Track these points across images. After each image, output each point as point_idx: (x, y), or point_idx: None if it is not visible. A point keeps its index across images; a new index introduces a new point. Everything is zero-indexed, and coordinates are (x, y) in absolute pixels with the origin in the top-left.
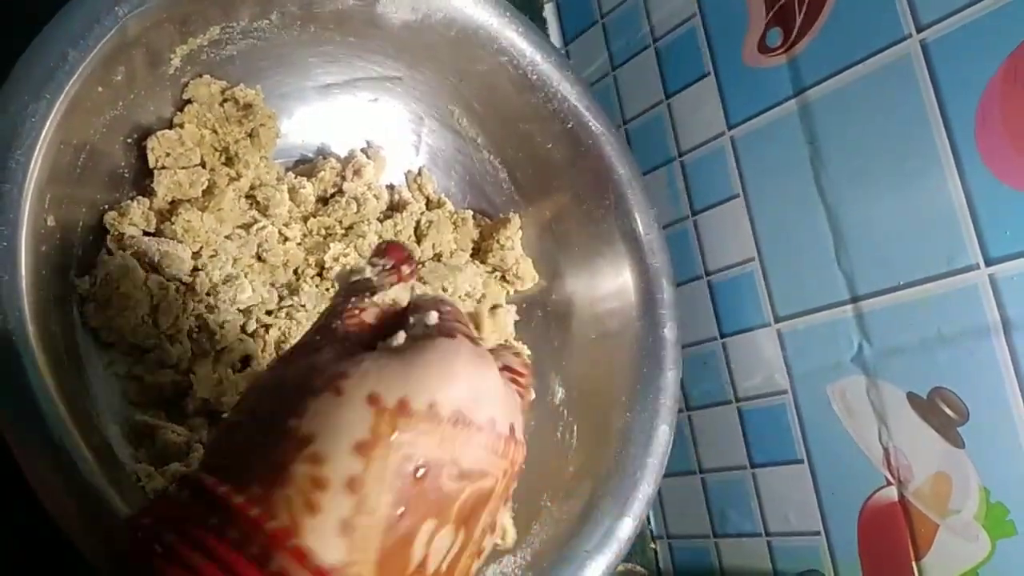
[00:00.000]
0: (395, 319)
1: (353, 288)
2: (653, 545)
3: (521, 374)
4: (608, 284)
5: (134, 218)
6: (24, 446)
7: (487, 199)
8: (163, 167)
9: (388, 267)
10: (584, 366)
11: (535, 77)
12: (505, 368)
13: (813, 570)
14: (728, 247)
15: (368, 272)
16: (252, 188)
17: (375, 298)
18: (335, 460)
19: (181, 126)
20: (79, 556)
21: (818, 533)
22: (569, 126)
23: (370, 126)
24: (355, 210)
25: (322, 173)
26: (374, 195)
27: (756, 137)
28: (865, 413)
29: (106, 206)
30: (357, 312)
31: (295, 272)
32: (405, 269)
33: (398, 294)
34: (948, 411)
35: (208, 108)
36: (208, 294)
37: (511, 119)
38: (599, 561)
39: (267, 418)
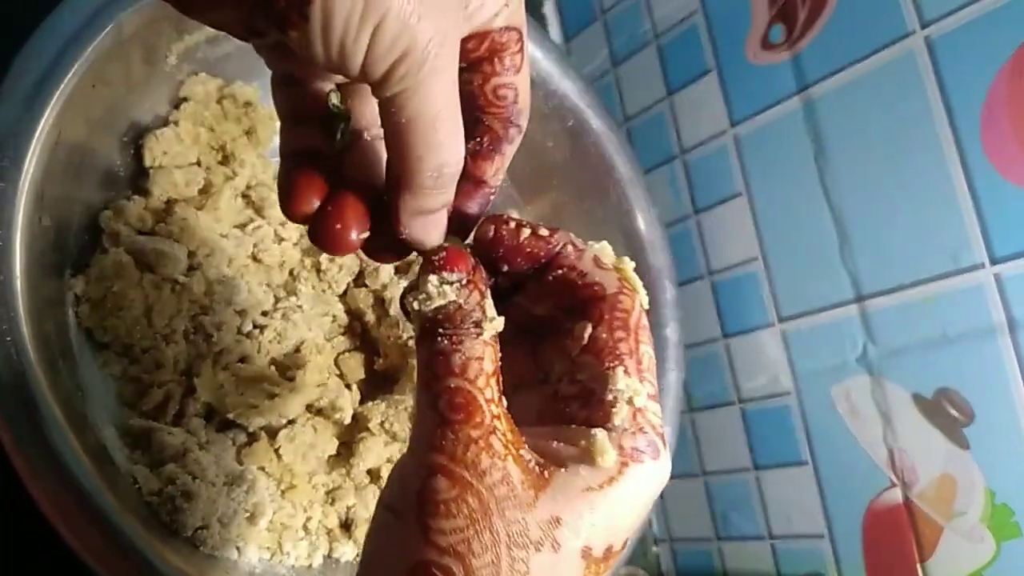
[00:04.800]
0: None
1: (446, 321)
2: (655, 548)
3: None
4: None
5: (129, 217)
6: (19, 447)
7: None
8: (159, 166)
9: (464, 282)
10: None
11: (535, 74)
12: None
13: (817, 573)
14: (731, 246)
15: (447, 292)
16: (248, 187)
17: (485, 335)
18: None
19: (177, 124)
20: (73, 556)
21: (822, 536)
22: (569, 124)
23: None
24: None
25: None
26: None
27: (759, 135)
28: (870, 414)
29: (101, 205)
30: (477, 364)
31: (291, 273)
32: (478, 278)
33: (496, 318)
34: (953, 412)
35: (204, 106)
36: (204, 294)
37: None
38: None
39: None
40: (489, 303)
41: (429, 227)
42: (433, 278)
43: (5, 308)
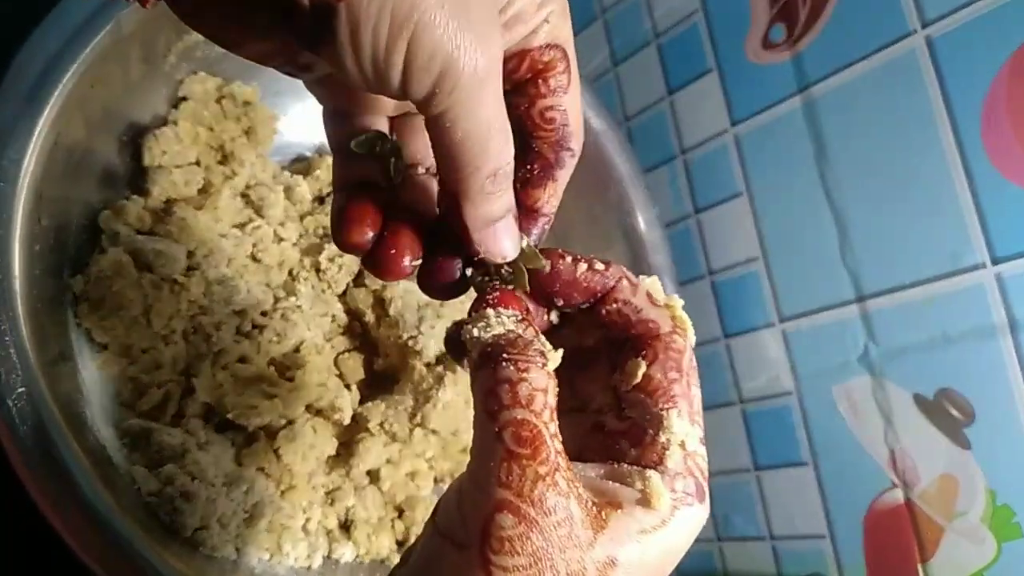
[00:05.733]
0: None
1: (509, 346)
2: None
3: None
4: None
5: (128, 217)
6: (18, 448)
7: None
8: (158, 166)
9: (519, 318)
10: None
11: None
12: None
13: (818, 573)
14: (732, 246)
15: (506, 322)
16: (247, 187)
17: (547, 367)
18: None
19: (176, 123)
20: (72, 556)
21: (823, 536)
22: None
23: None
24: None
25: (318, 171)
26: None
27: (760, 134)
28: (871, 414)
29: (100, 205)
30: (542, 397)
31: (290, 273)
32: (531, 318)
33: (555, 353)
34: (954, 412)
35: (204, 105)
36: (203, 294)
37: None
38: None
39: None
40: (544, 340)
41: (501, 236)
42: (491, 311)
43: (4, 308)
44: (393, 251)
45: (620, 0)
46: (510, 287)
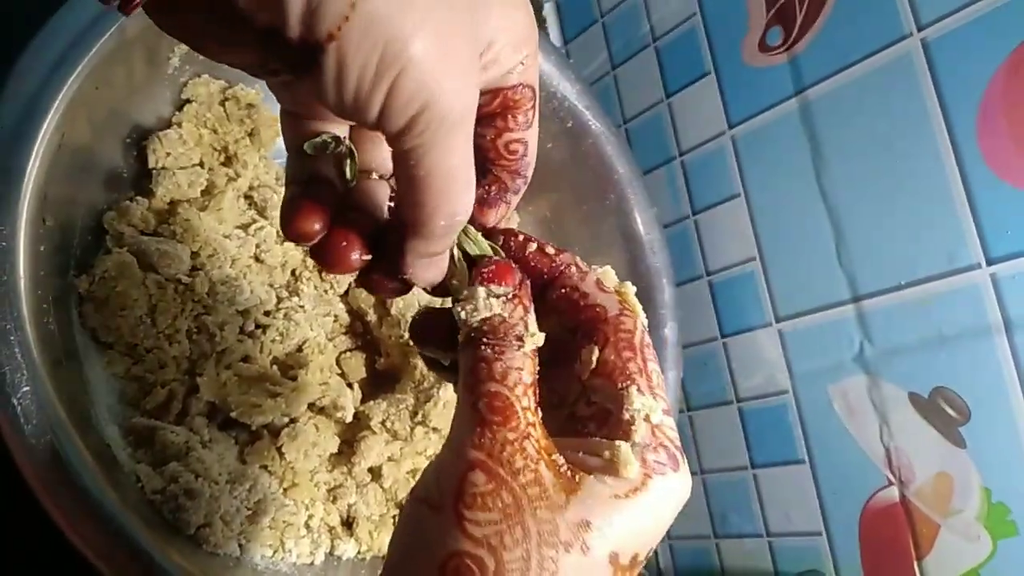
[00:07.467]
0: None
1: (490, 332)
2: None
3: None
4: None
5: (133, 218)
6: (23, 446)
7: None
8: (162, 167)
9: (510, 295)
10: None
11: None
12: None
13: (814, 570)
14: (729, 247)
15: (493, 305)
16: (251, 188)
17: (526, 348)
18: None
19: (180, 125)
20: (76, 553)
21: (819, 533)
22: (569, 125)
23: None
24: None
25: None
26: None
27: (757, 136)
28: (866, 413)
29: (105, 206)
30: (516, 373)
31: (293, 273)
32: (523, 292)
33: (536, 333)
34: (950, 411)
35: (207, 107)
36: (207, 294)
37: None
38: None
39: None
40: (532, 318)
41: (431, 268)
42: (482, 290)
43: (10, 308)
44: (344, 244)
45: (618, 4)
46: (505, 259)
